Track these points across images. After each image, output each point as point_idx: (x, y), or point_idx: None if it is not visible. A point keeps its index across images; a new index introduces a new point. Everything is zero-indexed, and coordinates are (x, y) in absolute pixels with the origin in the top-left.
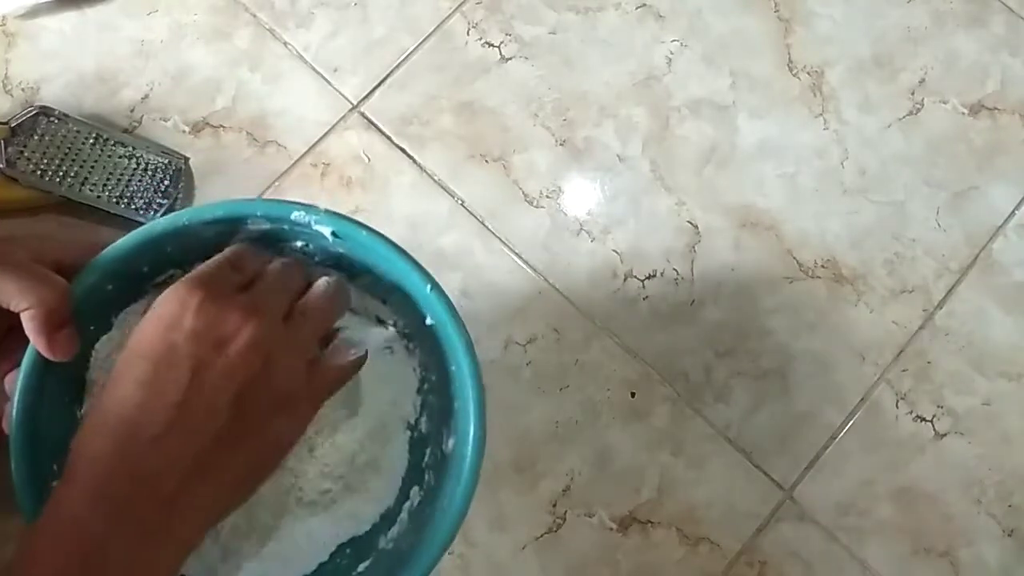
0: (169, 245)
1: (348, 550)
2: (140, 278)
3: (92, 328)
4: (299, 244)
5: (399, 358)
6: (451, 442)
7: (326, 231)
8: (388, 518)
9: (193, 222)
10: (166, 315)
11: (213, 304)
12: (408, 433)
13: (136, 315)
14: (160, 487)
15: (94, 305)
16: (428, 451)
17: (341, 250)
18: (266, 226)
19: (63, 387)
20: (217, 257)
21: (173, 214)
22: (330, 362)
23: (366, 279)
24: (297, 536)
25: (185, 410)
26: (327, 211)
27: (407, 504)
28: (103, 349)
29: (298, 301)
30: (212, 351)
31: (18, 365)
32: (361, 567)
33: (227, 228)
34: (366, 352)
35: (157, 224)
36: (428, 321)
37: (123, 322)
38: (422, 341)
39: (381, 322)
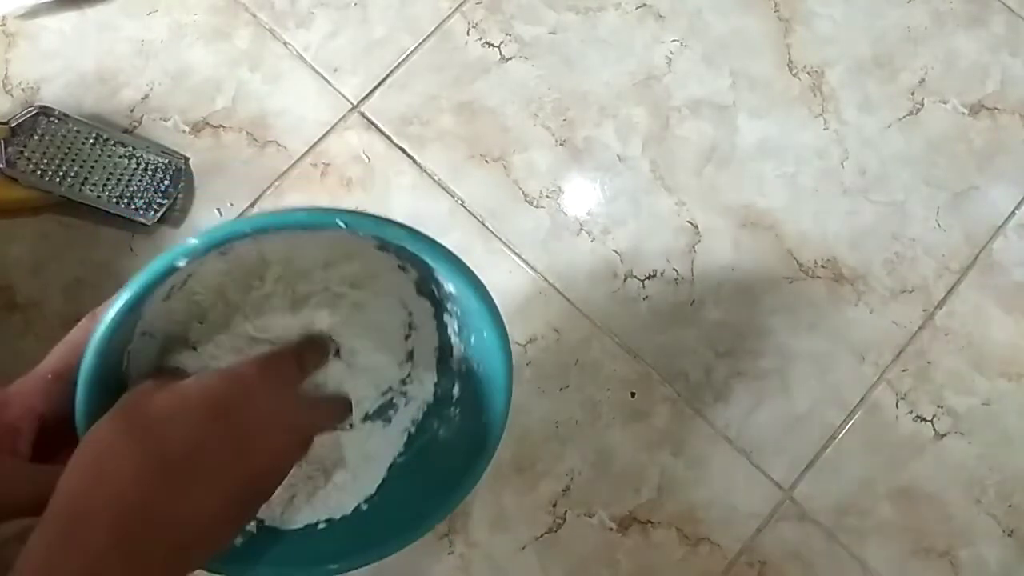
0: (117, 339)
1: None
2: (118, 371)
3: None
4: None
5: (357, 242)
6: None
7: (215, 253)
8: (442, 337)
9: (140, 294)
10: (241, 376)
11: (283, 397)
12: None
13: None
14: (181, 537)
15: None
16: (433, 284)
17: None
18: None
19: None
20: (288, 348)
21: (107, 319)
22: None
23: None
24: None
25: (222, 470)
26: (204, 235)
27: (450, 329)
28: None
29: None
30: (269, 436)
31: None
32: (455, 390)
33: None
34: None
35: (92, 342)
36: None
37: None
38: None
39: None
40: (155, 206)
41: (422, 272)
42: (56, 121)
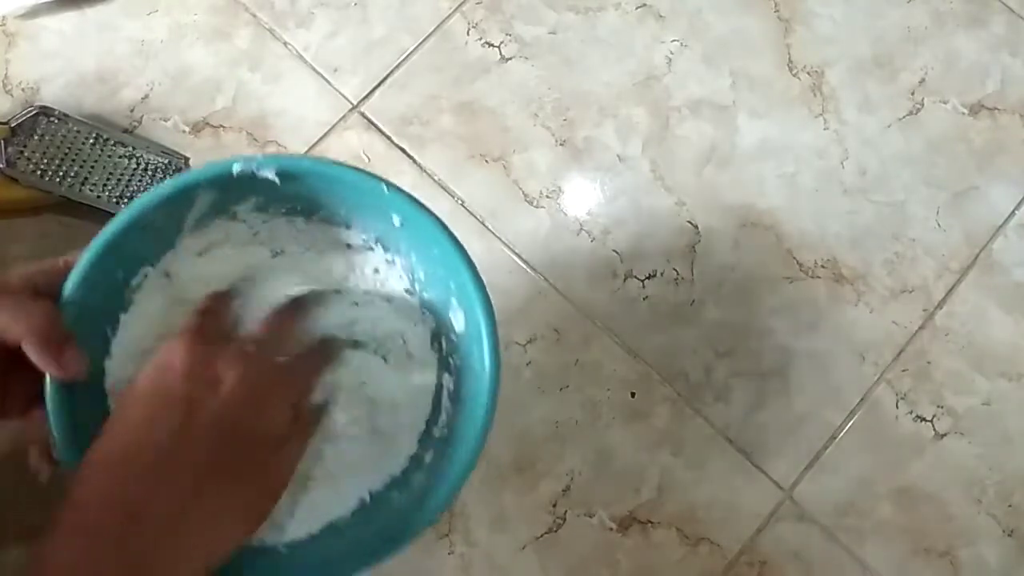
0: (131, 242)
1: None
2: (119, 287)
3: (96, 345)
4: (252, 200)
5: (387, 274)
6: (460, 317)
7: (271, 174)
8: (435, 408)
9: (145, 210)
10: (159, 361)
11: (201, 346)
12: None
13: (131, 326)
14: (156, 521)
15: (89, 322)
16: (444, 339)
17: (292, 190)
18: (214, 193)
19: (95, 403)
20: (193, 310)
21: (124, 208)
22: (311, 405)
23: (325, 211)
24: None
25: (179, 444)
26: (265, 156)
27: (445, 392)
28: (113, 367)
29: (292, 351)
30: (205, 389)
31: (34, 404)
32: (428, 457)
33: (179, 207)
34: (326, 402)
35: (112, 224)
36: (396, 221)
37: (123, 338)
38: (398, 246)
39: (351, 247)
40: None
41: (439, 321)
42: (56, 121)
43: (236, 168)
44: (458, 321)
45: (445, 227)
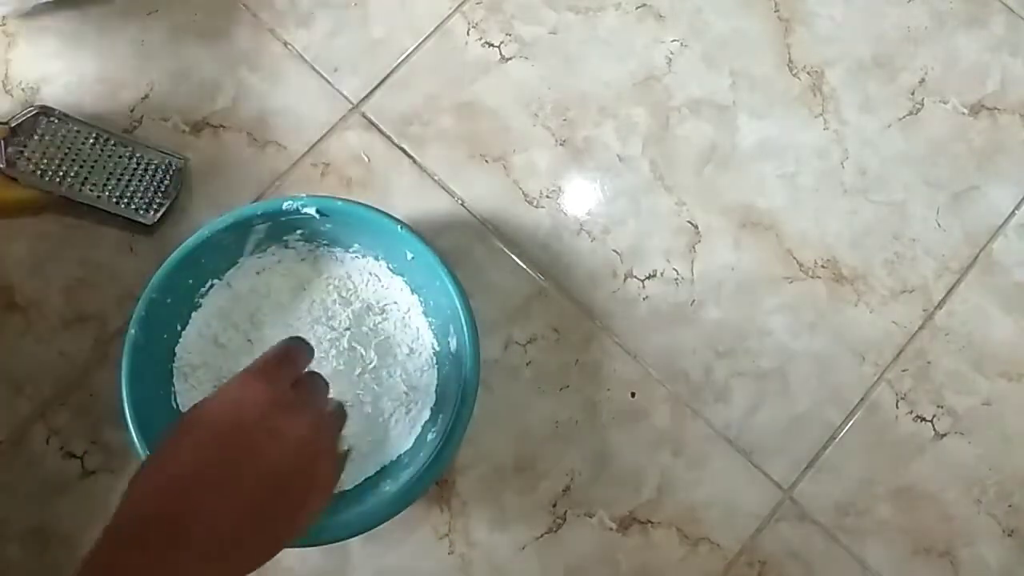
0: (202, 256)
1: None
2: (189, 291)
3: (170, 333)
4: (299, 232)
5: (409, 300)
6: (454, 342)
7: (312, 211)
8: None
9: (213, 233)
10: (233, 396)
11: (275, 398)
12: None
13: (198, 322)
14: (192, 559)
15: (166, 315)
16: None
17: (329, 226)
18: (267, 223)
19: (162, 372)
20: (274, 351)
21: (196, 232)
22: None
23: (357, 248)
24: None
25: (232, 489)
26: (309, 196)
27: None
28: (181, 351)
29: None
30: (268, 439)
31: None
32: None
33: (239, 232)
34: (349, 449)
35: (188, 241)
36: (409, 256)
37: (190, 331)
38: (412, 275)
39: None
40: (155, 206)
41: (441, 341)
42: (56, 121)
43: (285, 205)
44: (452, 343)
45: (444, 262)
